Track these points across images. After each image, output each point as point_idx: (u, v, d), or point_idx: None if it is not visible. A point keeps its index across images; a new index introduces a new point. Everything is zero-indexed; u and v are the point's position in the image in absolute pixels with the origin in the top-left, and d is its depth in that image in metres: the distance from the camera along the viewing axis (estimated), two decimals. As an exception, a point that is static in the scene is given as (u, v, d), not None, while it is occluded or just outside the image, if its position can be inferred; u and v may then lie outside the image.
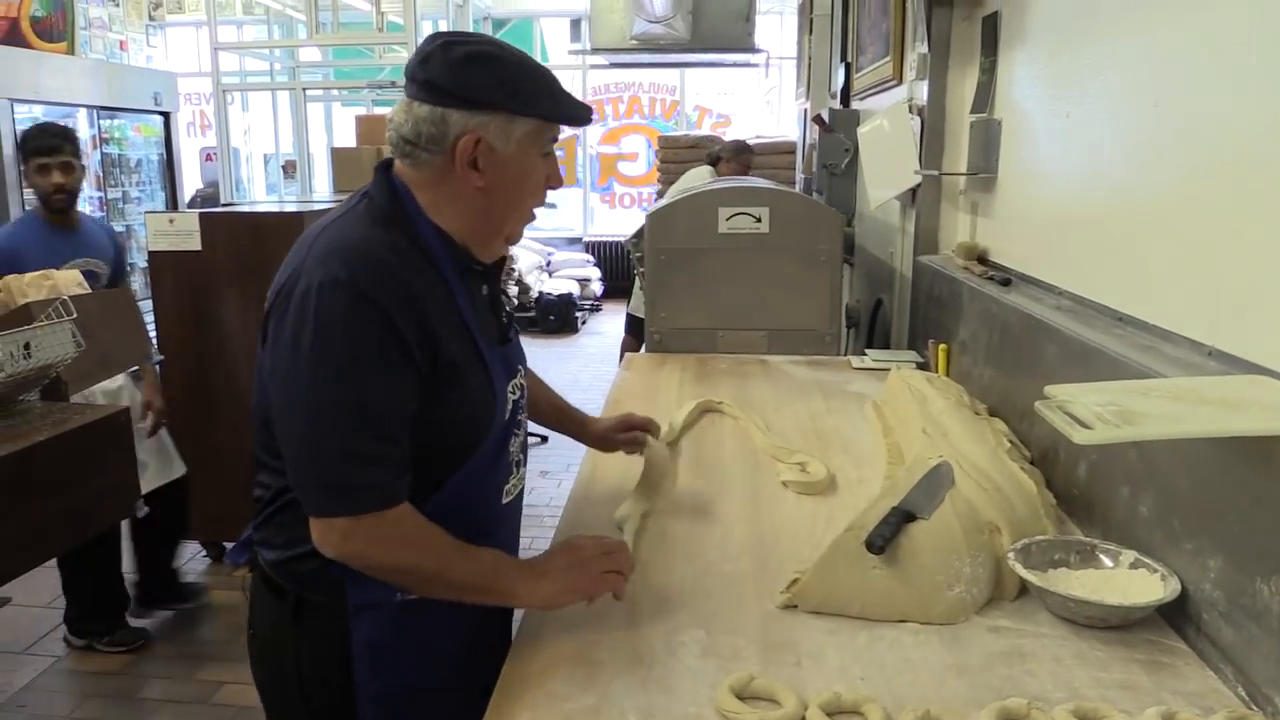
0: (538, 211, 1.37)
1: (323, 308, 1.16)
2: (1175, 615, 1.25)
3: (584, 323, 9.21)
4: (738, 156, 5.73)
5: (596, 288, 9.90)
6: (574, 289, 9.26)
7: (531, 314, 8.79)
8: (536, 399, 1.62)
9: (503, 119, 1.23)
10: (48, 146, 3.23)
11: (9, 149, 6.41)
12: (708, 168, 5.75)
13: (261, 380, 1.26)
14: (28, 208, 4.82)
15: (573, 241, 10.84)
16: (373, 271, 1.19)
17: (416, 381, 1.21)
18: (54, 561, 2.41)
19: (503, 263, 1.43)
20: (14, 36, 8.30)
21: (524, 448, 1.46)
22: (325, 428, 1.17)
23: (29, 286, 2.53)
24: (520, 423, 1.43)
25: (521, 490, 1.47)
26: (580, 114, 1.32)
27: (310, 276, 1.18)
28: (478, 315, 1.32)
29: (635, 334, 5.31)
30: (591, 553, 1.30)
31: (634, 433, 1.75)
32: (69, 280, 2.71)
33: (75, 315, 2.28)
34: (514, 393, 1.38)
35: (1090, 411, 1.15)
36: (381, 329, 1.17)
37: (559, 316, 8.81)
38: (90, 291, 2.85)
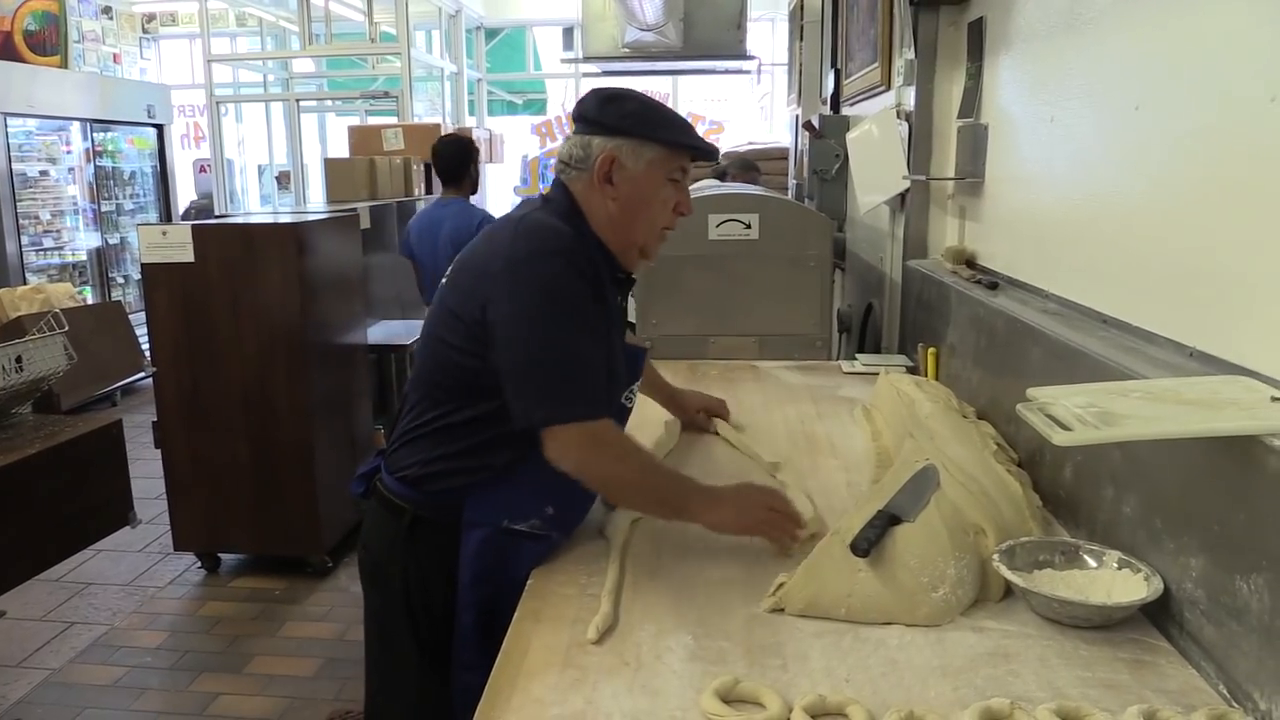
0: (670, 231, 1.62)
1: (540, 269, 1.44)
2: (1158, 614, 1.26)
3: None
4: (744, 174, 5.71)
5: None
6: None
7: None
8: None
9: (634, 143, 1.52)
10: None
11: (3, 161, 6.43)
12: (714, 182, 5.73)
13: (437, 322, 1.55)
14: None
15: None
16: (578, 254, 1.48)
17: (608, 332, 1.52)
18: (49, 574, 2.41)
19: (632, 282, 1.70)
20: (7, 50, 8.32)
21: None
22: (547, 359, 1.42)
23: (21, 299, 2.54)
24: (629, 411, 1.70)
25: None
26: (703, 146, 1.58)
27: (516, 252, 1.46)
28: (618, 316, 1.62)
29: None
30: (761, 498, 1.51)
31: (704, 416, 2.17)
32: (61, 293, 2.72)
33: (67, 328, 2.28)
34: (628, 400, 1.68)
35: (1071, 413, 1.16)
36: (588, 293, 1.47)
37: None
38: (82, 305, 2.85)
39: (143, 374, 3.36)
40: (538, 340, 1.42)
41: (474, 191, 4.48)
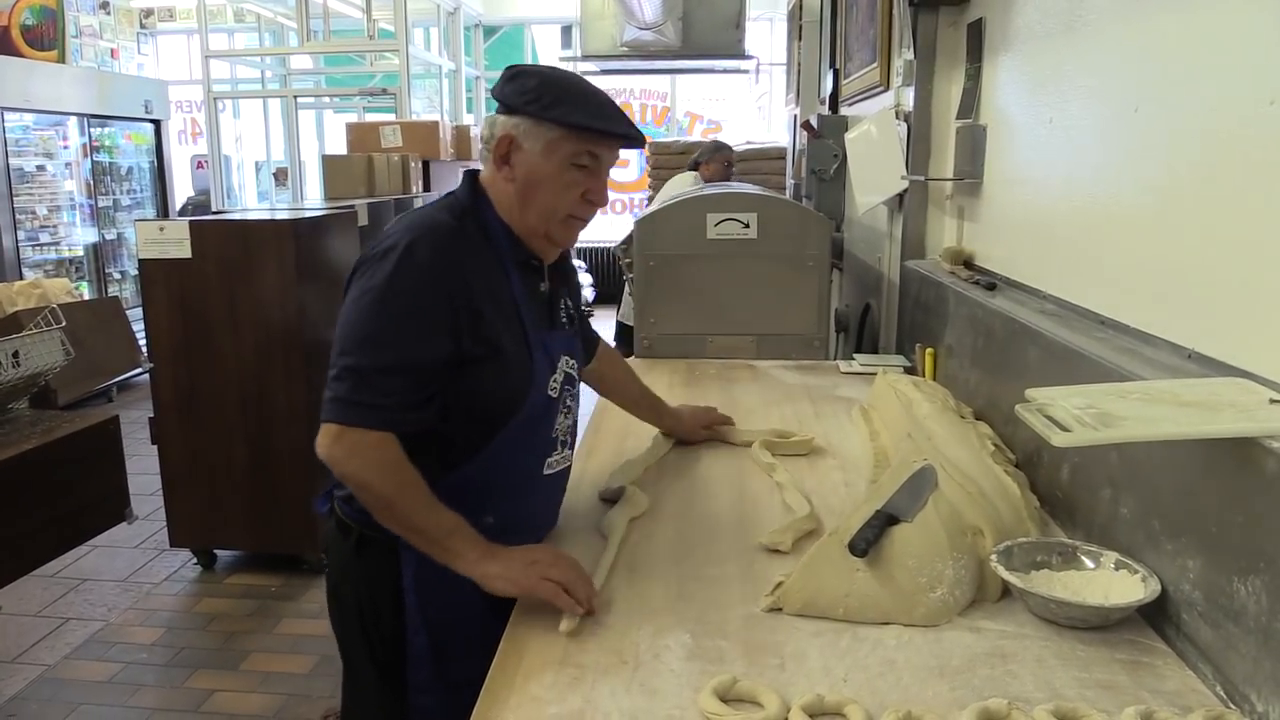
0: (580, 220, 1.52)
1: (388, 262, 1.38)
2: (1155, 615, 1.26)
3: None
4: (717, 155, 5.79)
5: (588, 293, 9.90)
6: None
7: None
8: (624, 385, 2.00)
9: (532, 123, 1.43)
10: None
11: (0, 156, 6.41)
12: (691, 173, 5.77)
13: None
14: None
15: (564, 247, 10.83)
16: (432, 246, 1.40)
17: (450, 338, 1.39)
18: (44, 570, 2.41)
19: (565, 268, 1.65)
20: (4, 45, 8.30)
21: (572, 431, 1.63)
22: (351, 348, 1.37)
23: (18, 295, 2.53)
24: (569, 407, 1.60)
25: (568, 468, 1.65)
26: (604, 126, 1.44)
27: (385, 243, 1.41)
28: (531, 302, 1.51)
29: (624, 342, 5.21)
30: (549, 560, 1.36)
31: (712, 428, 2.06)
32: (59, 289, 2.71)
33: (64, 323, 2.28)
34: (559, 374, 1.54)
35: (1069, 414, 1.16)
36: (428, 288, 1.38)
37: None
38: (79, 300, 2.85)
39: (140, 370, 3.35)
40: (345, 332, 1.38)
41: None
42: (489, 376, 1.44)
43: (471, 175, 1.54)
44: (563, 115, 1.42)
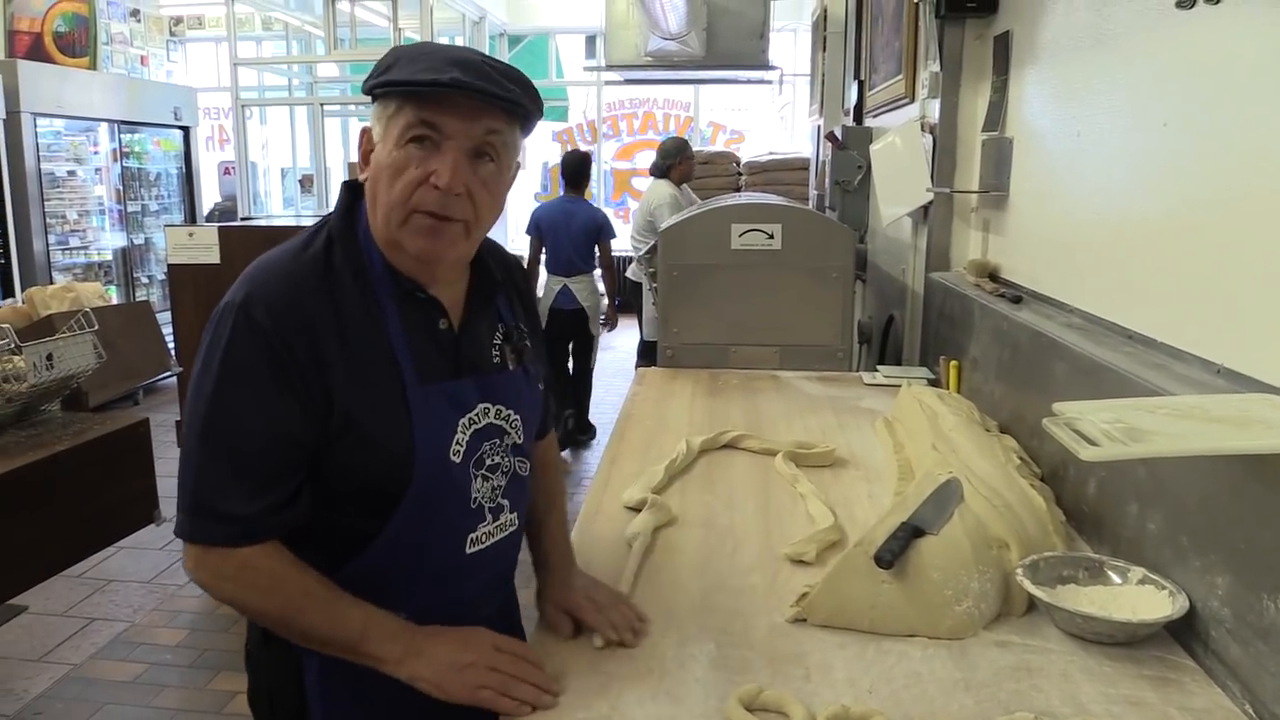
0: (428, 217, 1.15)
1: (223, 329, 1.13)
2: (1183, 632, 1.26)
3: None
4: (682, 153, 5.87)
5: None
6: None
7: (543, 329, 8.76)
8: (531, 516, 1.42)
9: (377, 105, 1.16)
10: None
11: (32, 161, 6.51)
12: (663, 181, 5.82)
13: None
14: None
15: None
16: (271, 298, 1.13)
17: (308, 417, 1.13)
18: (70, 570, 2.45)
19: (491, 290, 1.31)
20: (37, 51, 8.42)
21: (508, 494, 1.30)
22: (194, 450, 1.13)
23: (51, 298, 2.57)
24: (496, 466, 1.28)
25: (506, 538, 1.31)
26: (434, 77, 1.10)
27: (226, 298, 1.16)
28: (422, 346, 1.21)
29: (648, 359, 5.07)
30: (485, 658, 1.15)
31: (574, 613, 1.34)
32: (91, 292, 2.76)
33: (97, 327, 2.31)
34: (466, 430, 1.23)
35: (1098, 429, 1.16)
36: (266, 359, 1.11)
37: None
38: (111, 304, 2.89)
39: (169, 373, 3.39)
40: (188, 428, 1.13)
41: (579, 189, 5.68)
42: (359, 457, 1.16)
43: (351, 189, 1.24)
44: (391, 77, 1.13)
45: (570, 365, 5.68)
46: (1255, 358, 1.28)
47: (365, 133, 1.18)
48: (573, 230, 5.47)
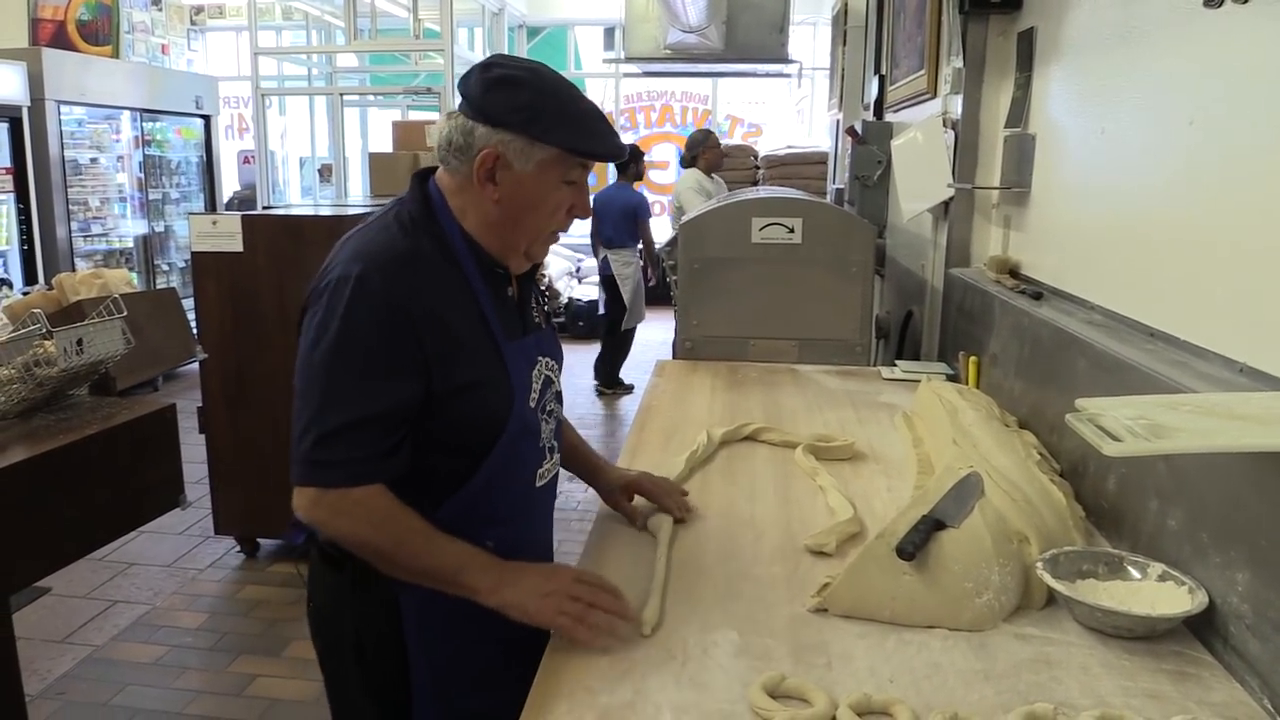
0: (559, 235, 1.46)
1: (339, 299, 1.27)
2: (1202, 627, 1.27)
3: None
4: (706, 142, 6.40)
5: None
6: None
7: (561, 320, 8.82)
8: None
9: (523, 141, 1.32)
10: None
11: (56, 149, 6.57)
12: (691, 170, 6.40)
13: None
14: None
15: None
16: (389, 272, 1.29)
17: (418, 376, 1.30)
18: (93, 554, 2.48)
19: (535, 268, 1.52)
20: (61, 40, 8.48)
21: (557, 434, 1.55)
22: (312, 403, 1.28)
23: (80, 284, 2.61)
24: (551, 411, 1.52)
25: (556, 475, 1.58)
26: (605, 151, 1.36)
27: (334, 274, 1.31)
28: (501, 314, 1.41)
29: None
30: (566, 588, 1.28)
31: (636, 504, 1.70)
32: (119, 279, 2.79)
33: (125, 313, 2.34)
34: (538, 380, 1.45)
35: (1120, 425, 1.17)
36: (387, 324, 1.28)
37: (588, 323, 8.86)
38: (139, 290, 2.92)
39: (194, 359, 3.42)
40: (305, 385, 1.29)
41: (639, 178, 6.74)
42: (467, 408, 1.35)
43: (421, 180, 1.42)
44: (564, 140, 1.33)
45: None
46: (1278, 356, 1.28)
47: (496, 157, 1.33)
48: (614, 211, 6.55)
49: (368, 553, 1.32)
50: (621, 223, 6.53)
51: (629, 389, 6.87)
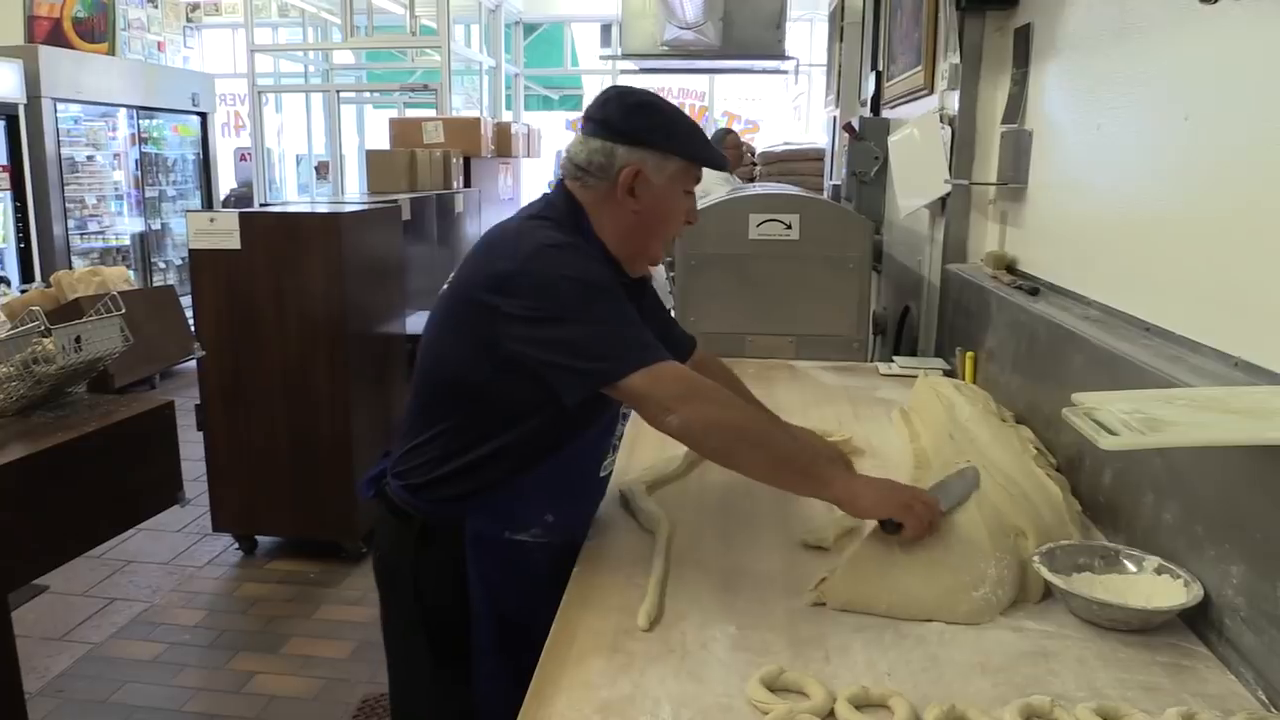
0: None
1: (546, 263, 1.41)
2: (1197, 620, 1.28)
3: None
4: (725, 141, 6.30)
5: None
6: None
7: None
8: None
9: (658, 156, 1.50)
10: None
11: (52, 146, 6.56)
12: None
13: (439, 331, 1.55)
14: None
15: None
16: (583, 250, 1.48)
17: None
18: (91, 551, 2.48)
19: (644, 285, 1.68)
20: (57, 37, 8.46)
21: (619, 435, 1.71)
22: (599, 319, 1.38)
23: (78, 281, 2.61)
24: (627, 413, 1.66)
25: (612, 472, 1.72)
26: (718, 160, 1.58)
27: (533, 243, 1.44)
28: None
29: None
30: (908, 497, 1.40)
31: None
32: (117, 276, 2.79)
33: (124, 310, 2.34)
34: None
35: (1117, 419, 1.18)
36: (596, 261, 1.48)
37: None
38: (137, 288, 2.92)
39: (191, 356, 3.42)
40: (581, 323, 1.38)
41: None
42: None
43: (568, 193, 1.55)
44: (694, 152, 1.52)
45: None
46: (1273, 350, 1.29)
47: (636, 172, 1.49)
48: None
49: (728, 431, 1.39)
50: None
51: None
